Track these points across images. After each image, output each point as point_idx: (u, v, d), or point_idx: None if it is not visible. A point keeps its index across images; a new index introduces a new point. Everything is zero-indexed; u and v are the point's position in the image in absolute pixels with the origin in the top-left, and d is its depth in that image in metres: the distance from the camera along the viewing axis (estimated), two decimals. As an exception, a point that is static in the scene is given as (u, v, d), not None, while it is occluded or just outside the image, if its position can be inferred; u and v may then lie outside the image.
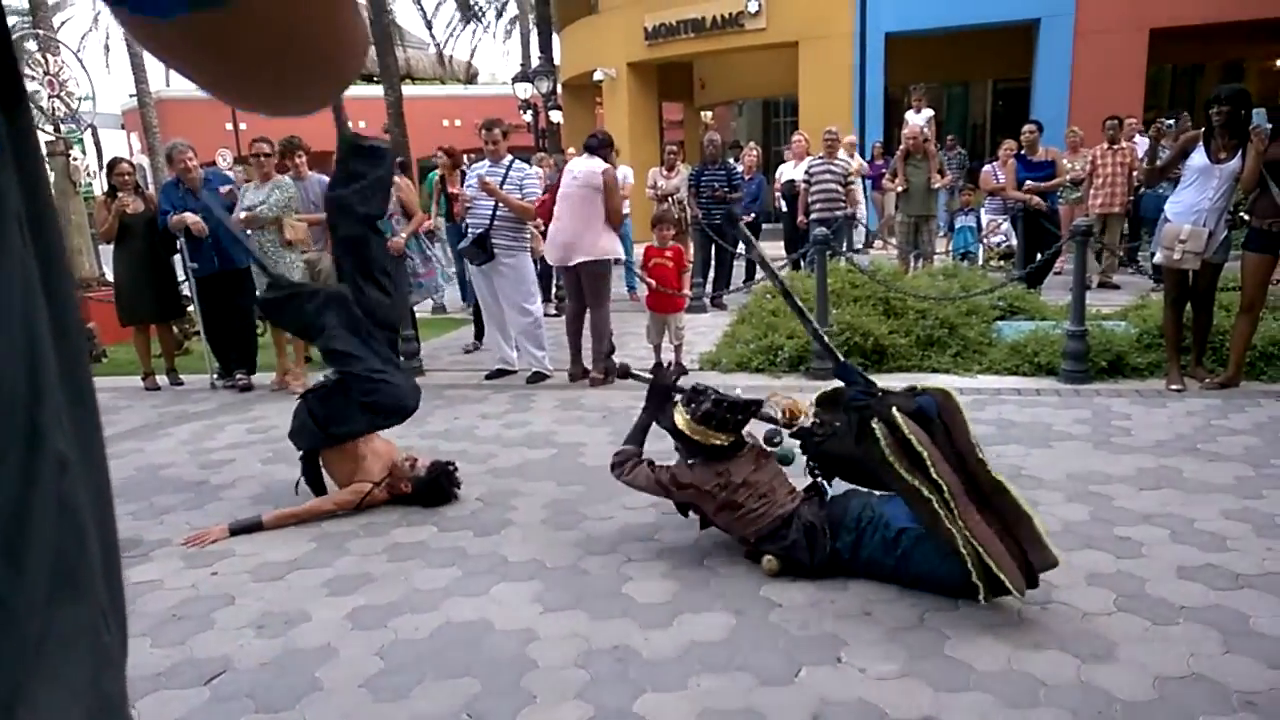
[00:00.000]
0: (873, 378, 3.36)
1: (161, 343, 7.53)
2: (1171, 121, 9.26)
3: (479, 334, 8.23)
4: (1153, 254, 5.66)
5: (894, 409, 2.97)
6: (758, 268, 10.87)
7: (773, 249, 11.97)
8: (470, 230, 6.61)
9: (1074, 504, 3.87)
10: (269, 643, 3.03)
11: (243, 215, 6.60)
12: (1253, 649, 2.69)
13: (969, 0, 14.81)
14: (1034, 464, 4.39)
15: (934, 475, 2.86)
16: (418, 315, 7.55)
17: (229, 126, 25.93)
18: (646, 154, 18.71)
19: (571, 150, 15.80)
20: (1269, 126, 4.94)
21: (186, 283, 7.24)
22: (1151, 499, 3.87)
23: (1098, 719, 2.40)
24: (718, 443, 3.39)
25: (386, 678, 2.78)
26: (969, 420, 3.04)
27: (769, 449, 3.53)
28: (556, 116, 23.71)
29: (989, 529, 2.86)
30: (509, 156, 6.62)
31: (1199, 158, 5.24)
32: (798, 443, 3.49)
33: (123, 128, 34.27)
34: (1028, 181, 9.00)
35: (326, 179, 8.36)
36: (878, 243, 12.44)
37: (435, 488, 4.29)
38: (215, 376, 7.32)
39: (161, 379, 7.45)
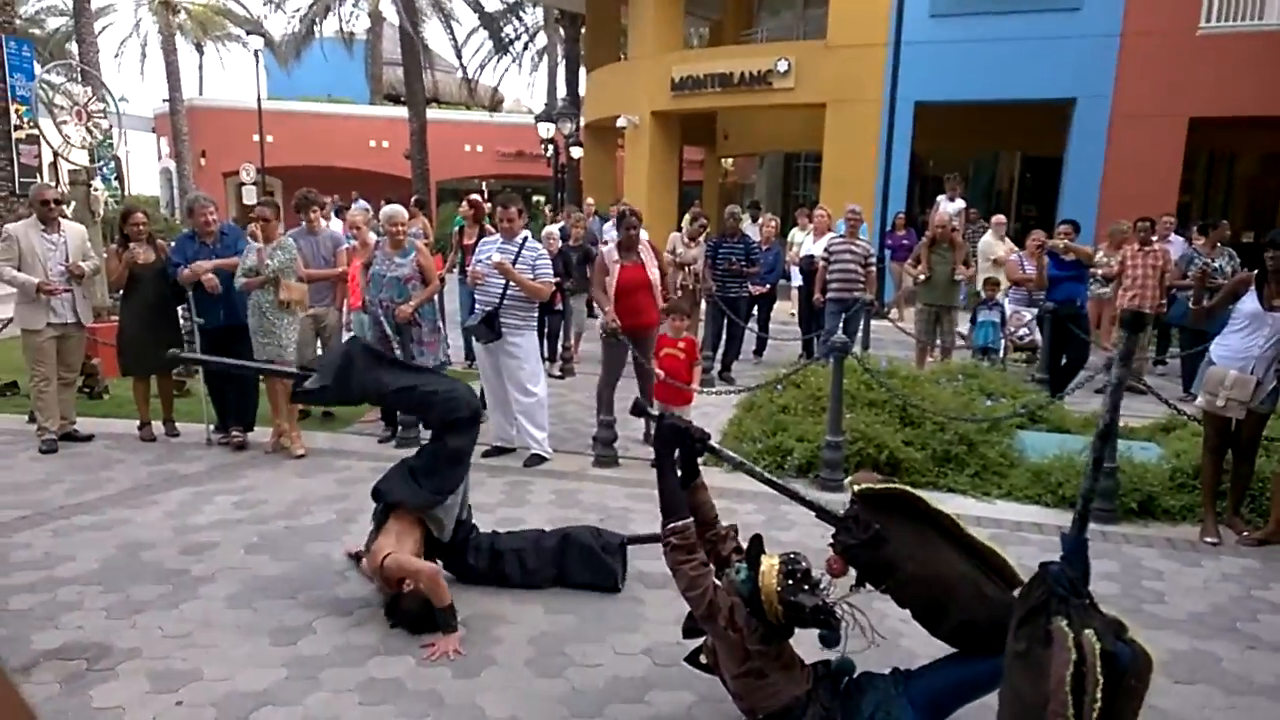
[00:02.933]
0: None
1: (160, 389, 7.34)
2: (1217, 264, 8.92)
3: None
4: (1194, 394, 5.36)
5: (1092, 633, 2.43)
6: (768, 344, 10.65)
7: (784, 307, 11.74)
8: (479, 308, 6.39)
9: (1103, 694, 3.57)
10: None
11: (240, 280, 6.54)
12: None
13: (1005, 76, 14.66)
14: (1059, 630, 4.09)
15: None
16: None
17: (255, 138, 25.75)
18: (664, 202, 18.59)
19: (590, 201, 15.68)
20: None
21: (191, 333, 7.09)
22: (1188, 697, 3.57)
23: None
24: (774, 623, 3.05)
25: None
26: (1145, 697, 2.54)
27: (823, 646, 3.13)
28: (577, 152, 23.69)
29: None
30: (523, 234, 6.42)
31: (1250, 302, 4.95)
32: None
33: (153, 131, 34.49)
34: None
35: (340, 232, 8.22)
36: (894, 312, 12.17)
37: (425, 616, 4.04)
38: (211, 429, 7.11)
39: (158, 425, 7.25)
